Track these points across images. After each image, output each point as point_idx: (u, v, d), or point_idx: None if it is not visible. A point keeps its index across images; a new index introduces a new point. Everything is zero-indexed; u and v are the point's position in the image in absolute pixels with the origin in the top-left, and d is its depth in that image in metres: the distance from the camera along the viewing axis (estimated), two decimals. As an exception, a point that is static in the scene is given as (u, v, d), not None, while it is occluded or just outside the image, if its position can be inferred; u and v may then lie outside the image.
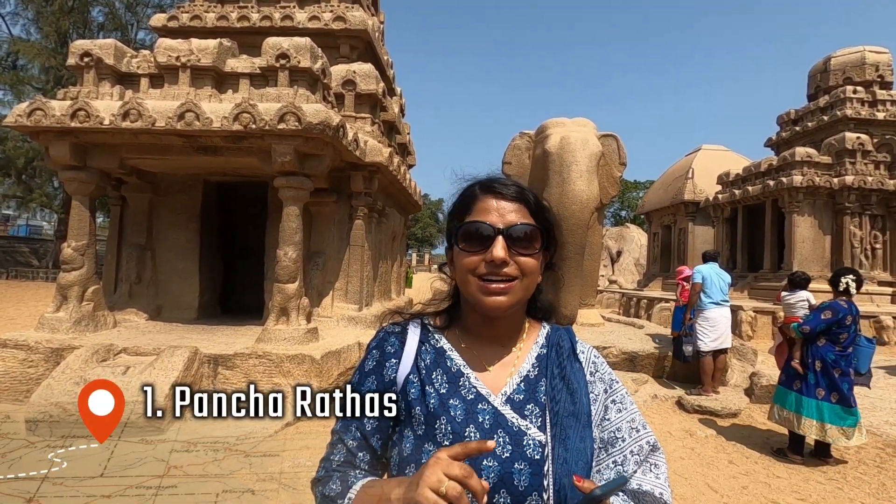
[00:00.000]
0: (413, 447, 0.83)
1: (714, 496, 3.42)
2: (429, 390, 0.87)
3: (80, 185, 5.57)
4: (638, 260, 24.57)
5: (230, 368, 4.77)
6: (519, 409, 0.85)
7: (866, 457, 4.20)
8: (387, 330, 0.97)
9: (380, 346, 0.95)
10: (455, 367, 0.90)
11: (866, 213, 11.11)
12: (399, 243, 10.63)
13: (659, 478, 0.87)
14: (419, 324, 0.97)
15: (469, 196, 0.90)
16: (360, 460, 0.88)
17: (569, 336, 0.97)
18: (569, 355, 0.93)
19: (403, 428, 0.86)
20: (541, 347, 0.94)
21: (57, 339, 5.03)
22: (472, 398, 0.86)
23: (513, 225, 0.85)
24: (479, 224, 0.85)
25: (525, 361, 0.92)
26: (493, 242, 0.83)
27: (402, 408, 0.88)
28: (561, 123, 7.23)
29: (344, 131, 5.70)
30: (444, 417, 0.83)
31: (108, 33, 24.29)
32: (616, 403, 0.91)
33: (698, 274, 5.84)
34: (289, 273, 5.47)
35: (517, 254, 0.84)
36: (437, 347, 0.93)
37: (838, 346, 4.05)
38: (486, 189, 0.89)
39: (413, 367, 0.90)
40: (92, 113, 5.14)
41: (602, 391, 0.91)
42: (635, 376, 6.04)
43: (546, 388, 0.88)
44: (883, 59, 12.48)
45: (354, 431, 0.89)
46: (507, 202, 0.87)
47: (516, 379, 0.89)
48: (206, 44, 5.71)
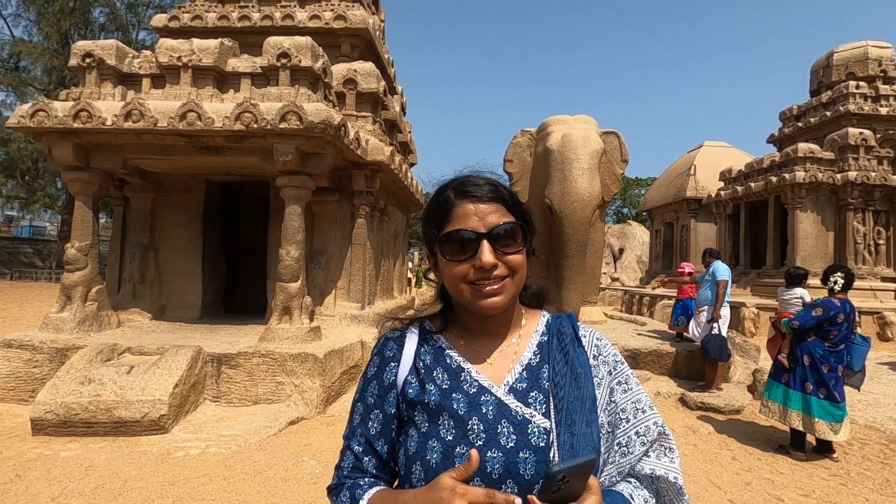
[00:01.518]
0: (418, 445, 0.84)
1: (717, 492, 3.42)
2: (429, 388, 0.87)
3: (83, 186, 5.59)
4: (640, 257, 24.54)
5: (233, 367, 4.79)
6: (522, 398, 0.85)
7: (870, 453, 4.19)
8: (386, 336, 0.99)
9: (380, 351, 0.96)
10: (455, 364, 0.90)
11: (869, 209, 11.06)
12: (401, 242, 10.64)
13: (673, 462, 0.86)
14: (418, 327, 0.98)
15: (444, 202, 0.89)
16: (368, 465, 0.89)
17: (570, 322, 0.97)
18: (571, 340, 0.92)
19: (408, 428, 0.87)
20: (541, 335, 0.94)
21: (61, 339, 5.06)
22: (474, 391, 0.86)
23: (495, 226, 0.84)
24: (460, 232, 0.84)
25: (526, 350, 0.92)
26: (478, 248, 0.83)
27: (404, 409, 0.89)
28: (563, 121, 7.22)
29: (345, 130, 5.71)
30: (446, 412, 0.84)
31: (110, 34, 24.34)
32: (621, 385, 0.90)
33: (725, 271, 5.80)
34: (291, 272, 5.48)
35: (503, 253, 0.84)
36: (436, 347, 0.94)
37: (828, 342, 4.08)
38: (460, 193, 0.88)
39: (412, 369, 0.91)
40: (94, 113, 5.16)
41: (606, 373, 0.91)
42: (638, 373, 6.04)
43: (549, 374, 0.88)
44: (886, 53, 12.41)
45: (360, 437, 0.90)
46: (485, 204, 0.86)
47: (518, 368, 0.89)
48: (207, 44, 5.72)
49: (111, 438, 3.94)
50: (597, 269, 8.03)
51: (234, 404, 4.73)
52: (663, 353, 6.38)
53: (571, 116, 7.34)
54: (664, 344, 6.53)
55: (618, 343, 6.34)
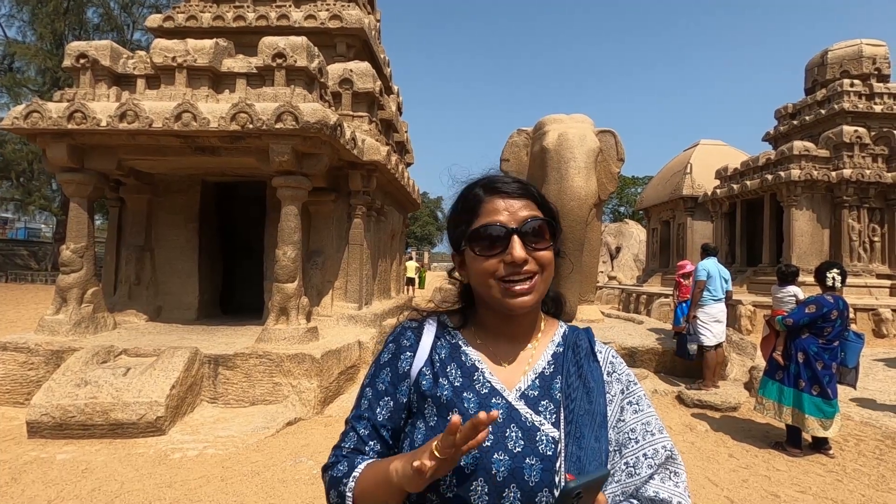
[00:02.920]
0: (424, 438, 0.83)
1: (714, 490, 3.43)
2: (442, 382, 0.87)
3: (77, 187, 5.57)
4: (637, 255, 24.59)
5: (230, 369, 4.78)
6: (533, 405, 0.85)
7: (865, 448, 4.21)
8: (404, 325, 0.98)
9: (396, 339, 0.96)
10: (470, 362, 0.90)
11: (864, 207, 11.11)
12: (398, 242, 10.63)
13: (678, 486, 0.84)
14: (436, 320, 0.98)
15: (473, 199, 0.89)
16: (370, 449, 0.89)
17: (587, 336, 0.96)
18: (587, 354, 0.92)
19: (416, 419, 0.87)
20: (557, 346, 0.94)
21: (57, 341, 5.03)
22: (486, 392, 0.86)
23: (525, 222, 0.85)
24: (491, 226, 0.85)
25: (541, 359, 0.92)
26: (509, 243, 0.83)
27: (415, 400, 0.89)
28: (559, 120, 7.23)
29: (341, 130, 5.70)
30: (456, 409, 0.84)
31: (104, 34, 24.20)
32: (632, 405, 0.89)
33: (703, 271, 5.82)
34: (288, 272, 5.47)
35: (533, 249, 0.85)
36: (452, 343, 0.94)
37: (822, 339, 4.11)
38: (490, 190, 0.89)
39: (427, 361, 0.91)
40: (89, 114, 5.14)
41: (619, 391, 0.90)
42: (635, 371, 6.04)
43: (562, 386, 0.87)
44: (880, 51, 12.46)
45: (367, 422, 0.90)
46: (515, 200, 0.87)
47: (531, 375, 0.89)
48: (202, 44, 5.70)
49: (108, 441, 3.93)
50: (594, 268, 8.04)
51: (232, 405, 4.72)
52: (660, 351, 6.39)
53: (568, 115, 7.35)
54: (661, 342, 6.54)
55: (615, 341, 6.35)
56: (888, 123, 11.77)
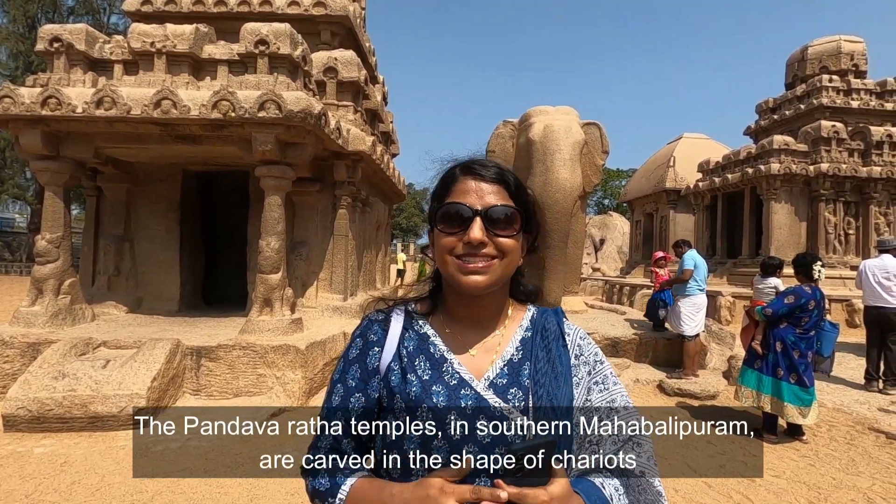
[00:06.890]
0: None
1: (693, 475, 3.52)
2: (410, 378, 0.87)
3: (52, 175, 5.41)
4: (621, 248, 24.87)
5: (213, 360, 4.72)
6: (502, 394, 0.85)
7: (837, 434, 4.36)
8: (370, 318, 0.97)
9: (363, 334, 0.95)
10: (438, 353, 0.90)
11: (840, 200, 11.38)
12: (383, 233, 10.58)
13: (641, 456, 0.87)
14: (403, 310, 0.97)
15: (449, 177, 0.91)
16: (346, 446, 0.89)
17: (556, 318, 0.96)
18: (556, 338, 0.93)
19: (387, 414, 0.87)
20: (525, 331, 0.94)
21: (33, 333, 4.92)
22: (455, 383, 0.86)
23: (491, 206, 0.85)
24: (457, 205, 0.85)
25: (509, 345, 0.92)
26: (470, 223, 0.84)
27: (385, 395, 0.89)
28: (544, 112, 7.23)
29: (326, 119, 5.63)
30: (425, 404, 0.84)
31: (79, 18, 23.46)
32: (598, 385, 0.90)
33: (691, 261, 5.92)
34: (272, 263, 5.41)
35: (495, 235, 0.85)
36: (420, 333, 0.93)
37: (799, 328, 4.21)
38: (465, 170, 0.89)
39: (395, 355, 0.91)
40: (63, 100, 4.98)
41: (586, 373, 0.91)
42: (618, 361, 6.15)
43: (530, 373, 0.88)
44: (857, 48, 12.71)
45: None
46: (487, 183, 0.87)
47: (499, 363, 0.89)
48: (181, 29, 5.56)
49: (87, 434, 3.87)
50: (578, 260, 8.12)
51: (215, 397, 4.67)
52: (642, 341, 6.50)
53: (553, 107, 7.36)
54: (643, 332, 6.65)
55: (598, 332, 6.44)
56: (864, 119, 12.04)
